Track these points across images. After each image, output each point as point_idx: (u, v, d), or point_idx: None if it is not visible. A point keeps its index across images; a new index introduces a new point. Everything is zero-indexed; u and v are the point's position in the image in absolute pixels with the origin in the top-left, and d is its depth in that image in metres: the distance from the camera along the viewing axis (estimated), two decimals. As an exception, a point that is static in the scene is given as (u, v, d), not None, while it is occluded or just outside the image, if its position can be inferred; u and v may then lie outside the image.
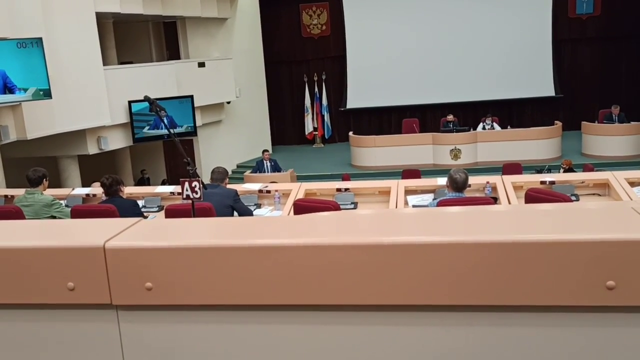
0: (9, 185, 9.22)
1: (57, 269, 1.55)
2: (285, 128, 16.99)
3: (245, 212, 5.25)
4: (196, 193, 4.12)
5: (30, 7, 9.05)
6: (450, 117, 13.47)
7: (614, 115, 12.78)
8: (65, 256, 1.55)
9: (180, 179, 4.15)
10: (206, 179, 5.49)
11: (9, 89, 8.39)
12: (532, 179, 5.69)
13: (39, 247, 1.57)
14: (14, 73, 8.38)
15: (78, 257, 1.54)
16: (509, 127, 13.82)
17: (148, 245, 1.54)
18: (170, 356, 1.58)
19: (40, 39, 8.52)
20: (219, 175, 5.35)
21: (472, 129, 13.31)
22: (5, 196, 6.43)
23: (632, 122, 12.78)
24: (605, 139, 12.68)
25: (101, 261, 1.53)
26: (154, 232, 1.70)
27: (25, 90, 8.49)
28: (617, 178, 5.22)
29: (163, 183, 12.56)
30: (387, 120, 16.40)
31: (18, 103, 8.85)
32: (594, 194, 5.36)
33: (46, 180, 5.53)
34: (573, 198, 5.05)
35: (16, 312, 1.62)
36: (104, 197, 5.36)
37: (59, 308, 1.59)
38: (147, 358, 1.59)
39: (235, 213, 5.19)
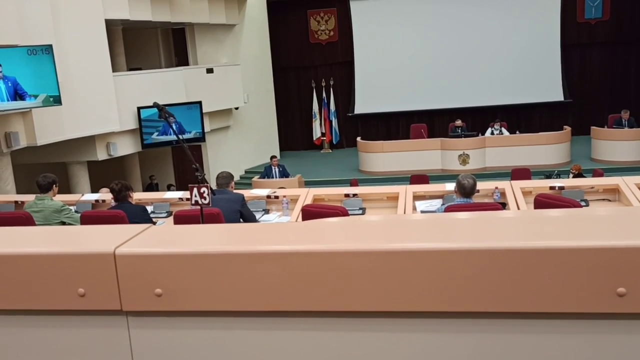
0: (19, 191, 9.28)
1: (67, 275, 1.56)
2: (293, 133, 17.02)
3: (251, 217, 5.25)
4: (205, 199, 4.13)
5: (40, 14, 9.13)
6: (458, 122, 13.45)
7: (623, 120, 12.70)
8: (75, 262, 1.56)
9: (189, 185, 4.17)
10: (214, 185, 5.51)
11: (19, 95, 8.46)
12: (541, 185, 5.67)
13: (50, 254, 1.58)
14: (24, 80, 8.45)
15: (89, 264, 1.55)
16: (517, 132, 13.78)
17: (158, 251, 1.54)
18: (179, 362, 1.58)
19: (51, 45, 8.60)
20: (224, 180, 5.35)
21: (480, 134, 13.27)
22: (16, 202, 6.48)
23: (642, 127, 12.71)
24: (615, 144, 12.61)
25: (111, 267, 1.54)
26: (163, 238, 1.71)
27: (36, 96, 8.56)
28: (627, 183, 5.19)
29: (169, 188, 12.60)
30: (395, 126, 16.40)
31: (28, 109, 8.92)
32: (604, 200, 5.32)
33: (56, 186, 5.56)
34: (583, 204, 5.02)
35: (27, 318, 1.63)
36: (113, 203, 5.39)
37: (70, 314, 1.60)
38: (157, 364, 1.60)
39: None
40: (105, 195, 6.33)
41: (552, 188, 5.35)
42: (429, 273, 1.43)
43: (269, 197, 5.97)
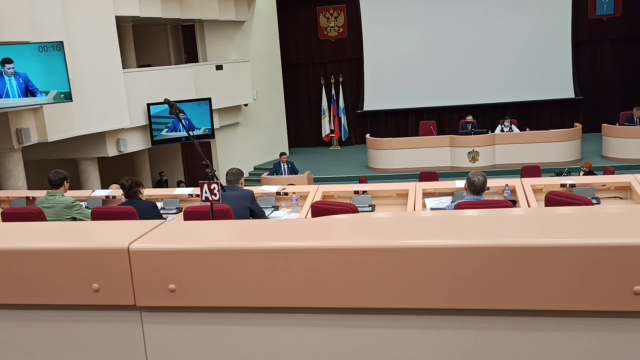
0: (30, 187, 9.36)
1: (82, 270, 1.57)
2: (302, 130, 17.02)
3: (260, 213, 5.26)
4: (215, 195, 4.15)
5: (51, 11, 9.18)
6: (469, 118, 13.39)
7: (635, 118, 12.61)
8: (90, 258, 1.57)
9: (200, 181, 4.19)
10: (223, 181, 5.52)
11: (30, 92, 8.52)
12: (551, 182, 5.63)
13: (65, 249, 1.60)
14: (35, 76, 8.51)
15: (103, 259, 1.56)
16: (527, 129, 13.71)
17: (172, 247, 1.55)
18: (193, 357, 1.59)
19: (61, 42, 8.64)
20: (234, 176, 5.37)
21: (490, 131, 13.22)
22: (27, 198, 6.53)
23: (654, 124, 12.61)
24: (626, 142, 12.52)
25: (125, 263, 1.55)
26: (177, 234, 1.72)
27: (47, 93, 8.62)
28: (639, 181, 5.15)
29: (178, 184, 12.65)
30: (404, 123, 16.36)
31: (39, 106, 8.98)
32: (615, 197, 5.29)
33: (67, 182, 5.60)
34: (594, 201, 4.99)
35: (41, 313, 1.65)
36: (123, 199, 5.42)
37: (84, 309, 1.61)
38: (170, 359, 1.61)
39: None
40: (115, 191, 6.37)
41: (563, 185, 5.32)
42: (439, 270, 1.43)
43: (278, 193, 5.98)
